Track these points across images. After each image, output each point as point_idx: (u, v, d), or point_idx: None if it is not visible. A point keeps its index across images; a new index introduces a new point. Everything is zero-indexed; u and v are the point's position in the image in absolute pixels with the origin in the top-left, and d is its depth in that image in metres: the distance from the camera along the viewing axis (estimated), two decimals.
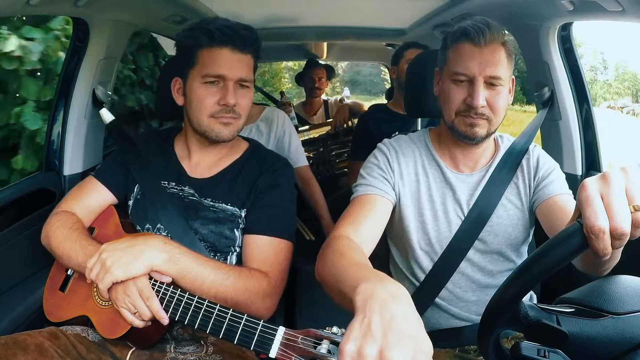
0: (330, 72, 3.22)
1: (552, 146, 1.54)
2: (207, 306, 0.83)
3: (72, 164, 1.53)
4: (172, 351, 0.99)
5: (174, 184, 1.11)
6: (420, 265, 1.08)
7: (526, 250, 1.12)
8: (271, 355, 0.73)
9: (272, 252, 1.03)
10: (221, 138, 1.06)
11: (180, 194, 1.10)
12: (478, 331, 0.62)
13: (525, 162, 1.08)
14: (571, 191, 1.03)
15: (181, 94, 1.10)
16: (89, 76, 1.49)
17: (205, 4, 1.81)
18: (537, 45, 1.47)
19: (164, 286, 0.89)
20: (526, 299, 1.10)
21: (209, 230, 1.06)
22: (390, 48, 2.90)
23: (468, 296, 1.07)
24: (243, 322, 0.79)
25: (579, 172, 1.50)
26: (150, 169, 1.13)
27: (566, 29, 1.45)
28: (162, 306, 0.88)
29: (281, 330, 0.74)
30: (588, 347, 0.57)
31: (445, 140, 1.09)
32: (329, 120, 2.93)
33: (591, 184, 0.53)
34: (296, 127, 2.49)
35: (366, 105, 2.96)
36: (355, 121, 2.60)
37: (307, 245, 1.93)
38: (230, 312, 0.81)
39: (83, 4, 1.22)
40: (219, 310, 0.82)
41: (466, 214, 1.05)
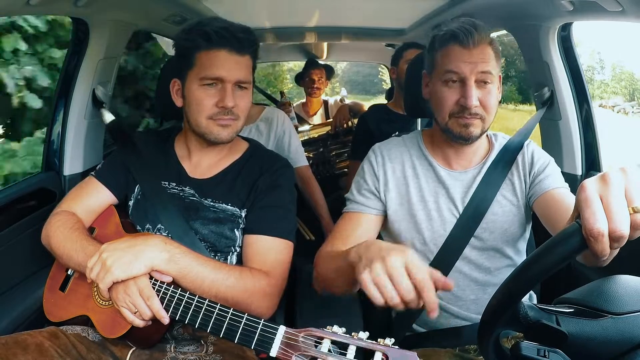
0: (330, 72, 3.21)
1: (552, 146, 1.55)
2: (207, 305, 0.83)
3: (72, 164, 1.53)
4: (172, 351, 0.99)
5: (174, 184, 1.11)
6: None
7: (524, 246, 1.12)
8: (272, 355, 0.73)
9: (272, 252, 1.03)
10: (220, 140, 1.06)
11: (180, 194, 1.10)
12: (478, 331, 0.62)
13: (520, 158, 1.08)
14: (567, 184, 1.03)
15: (180, 96, 1.10)
16: (89, 76, 1.49)
17: (205, 4, 1.81)
18: (537, 45, 1.47)
19: (164, 286, 0.89)
20: (526, 299, 1.11)
21: (209, 231, 1.06)
22: (390, 48, 2.90)
23: (467, 295, 1.07)
24: (244, 321, 0.78)
25: (579, 172, 1.50)
26: (151, 169, 1.13)
27: (566, 29, 1.45)
28: (162, 306, 0.88)
29: (282, 329, 0.74)
30: (588, 348, 0.57)
31: (437, 140, 1.10)
32: (329, 120, 2.93)
33: (590, 185, 0.53)
34: (296, 127, 2.50)
35: (365, 105, 2.97)
36: (355, 121, 2.60)
37: (307, 245, 1.93)
38: (231, 311, 0.81)
39: (83, 4, 1.22)
40: (219, 310, 0.82)
41: (461, 211, 1.06)
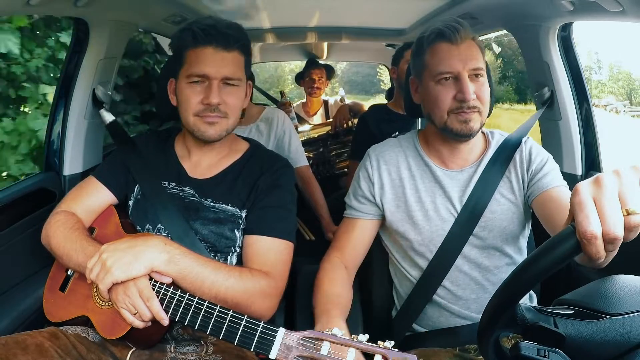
0: (330, 72, 3.21)
1: (552, 146, 1.54)
2: (207, 307, 0.83)
3: (72, 164, 1.53)
4: (172, 351, 0.99)
5: (174, 184, 1.11)
6: (417, 264, 1.09)
7: (524, 244, 1.12)
8: (271, 357, 0.73)
9: (272, 252, 1.03)
10: (207, 137, 1.05)
11: (180, 194, 1.10)
12: (477, 333, 0.62)
13: (517, 155, 1.08)
14: (566, 182, 1.03)
15: (175, 94, 1.10)
16: (89, 76, 1.49)
17: (205, 4, 1.81)
18: (537, 45, 1.47)
19: (164, 287, 0.89)
20: (526, 299, 1.11)
21: (209, 231, 1.06)
22: (390, 48, 2.90)
23: (467, 294, 1.07)
24: (243, 323, 0.79)
25: (579, 172, 1.50)
26: (151, 169, 1.13)
27: (566, 29, 1.45)
28: (162, 307, 0.88)
29: (281, 331, 0.74)
30: (586, 349, 0.57)
31: (432, 140, 1.10)
32: (329, 120, 2.92)
33: (584, 188, 0.53)
34: (296, 127, 2.50)
35: (365, 105, 2.96)
36: (355, 121, 2.60)
37: (307, 245, 1.93)
38: (231, 313, 0.81)
39: (83, 4, 1.22)
40: (219, 311, 0.82)
41: (459, 210, 1.06)
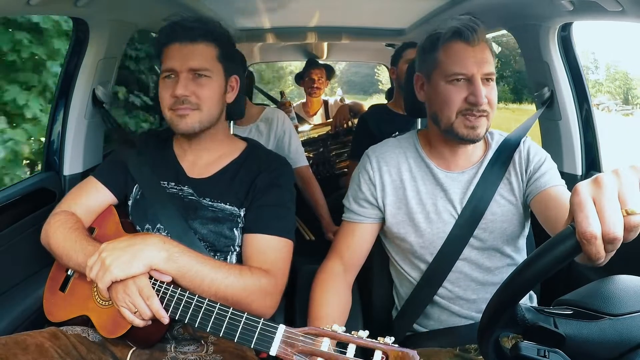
0: (330, 72, 3.21)
1: (552, 146, 1.54)
2: (207, 305, 0.83)
3: (72, 164, 1.53)
4: (172, 351, 0.99)
5: (173, 183, 1.11)
6: (418, 265, 1.09)
7: (524, 243, 1.12)
8: (272, 353, 0.73)
9: (272, 250, 1.03)
10: (180, 130, 1.06)
11: (179, 193, 1.10)
12: (477, 333, 0.62)
13: (516, 156, 1.07)
14: (564, 181, 1.03)
15: None
16: (89, 76, 1.49)
17: (205, 4, 1.81)
18: (537, 45, 1.47)
19: (164, 285, 0.89)
20: (526, 299, 1.11)
21: (208, 230, 1.06)
22: (390, 48, 2.90)
23: (468, 294, 1.07)
24: (243, 320, 0.78)
25: (579, 172, 1.50)
26: (150, 168, 1.13)
27: (566, 29, 1.45)
28: (162, 305, 0.88)
29: (281, 328, 0.74)
30: (586, 350, 0.57)
31: (434, 141, 1.09)
32: (329, 120, 2.92)
33: (583, 188, 0.53)
34: (296, 127, 2.50)
35: (365, 105, 2.96)
36: (355, 121, 2.60)
37: (307, 245, 1.93)
38: (231, 310, 0.81)
39: (83, 4, 1.22)
40: (219, 309, 0.82)
41: (460, 212, 1.05)
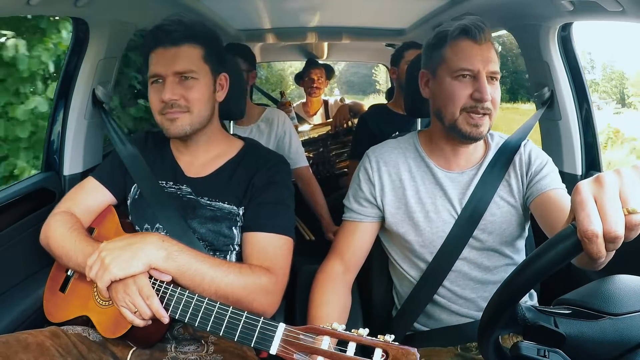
0: (330, 72, 3.21)
1: (552, 146, 1.54)
2: (207, 304, 0.83)
3: (72, 164, 1.53)
4: (172, 350, 0.99)
5: (171, 183, 1.11)
6: (417, 265, 1.09)
7: (523, 244, 1.12)
8: (272, 352, 0.73)
9: (272, 248, 1.03)
10: (171, 134, 1.06)
11: (177, 193, 1.10)
12: (477, 332, 0.62)
13: (517, 158, 1.07)
14: (564, 185, 1.03)
15: None
16: (89, 76, 1.49)
17: (205, 4, 1.81)
18: (537, 45, 1.47)
19: (164, 285, 0.89)
20: (526, 299, 1.11)
21: (206, 229, 1.06)
22: (390, 48, 2.90)
23: (467, 294, 1.07)
24: (243, 319, 0.78)
25: (579, 172, 1.50)
26: (148, 168, 1.13)
27: (566, 29, 1.45)
28: (162, 305, 0.88)
29: (282, 326, 0.74)
30: (586, 349, 0.57)
31: (436, 140, 1.09)
32: (329, 120, 2.92)
33: (585, 187, 0.53)
34: (296, 127, 2.50)
35: (365, 105, 2.96)
36: (355, 121, 2.60)
37: (307, 245, 1.93)
38: (230, 309, 0.81)
39: (83, 4, 1.22)
40: (219, 308, 0.82)
41: (459, 212, 1.05)
